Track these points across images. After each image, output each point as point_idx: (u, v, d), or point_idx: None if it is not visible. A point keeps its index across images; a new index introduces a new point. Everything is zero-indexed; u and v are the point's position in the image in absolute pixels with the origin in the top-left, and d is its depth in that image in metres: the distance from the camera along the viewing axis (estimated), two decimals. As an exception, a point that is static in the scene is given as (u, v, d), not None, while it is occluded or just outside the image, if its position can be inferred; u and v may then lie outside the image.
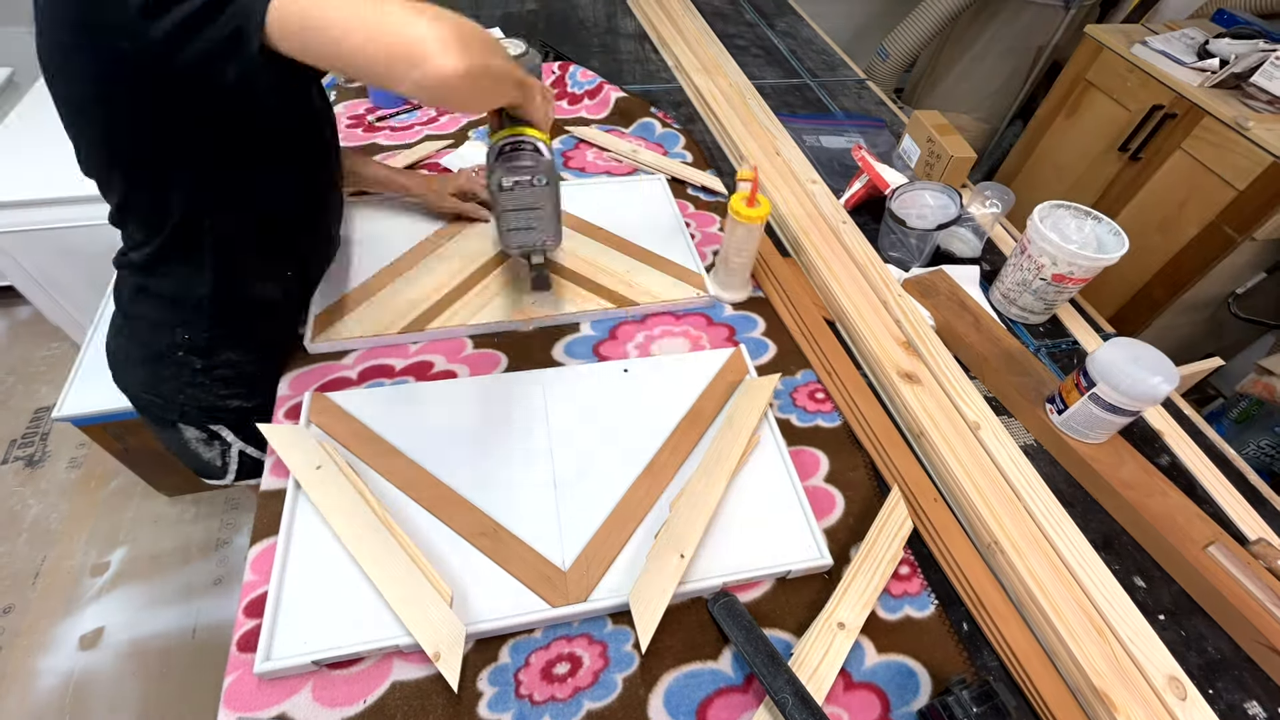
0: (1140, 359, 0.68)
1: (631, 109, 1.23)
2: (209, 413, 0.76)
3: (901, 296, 0.88)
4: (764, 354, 0.84)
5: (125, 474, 1.54)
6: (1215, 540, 0.66)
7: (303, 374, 0.75)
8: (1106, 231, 0.87)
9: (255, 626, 0.54)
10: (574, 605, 0.57)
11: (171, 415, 0.76)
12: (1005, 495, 0.67)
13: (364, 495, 0.61)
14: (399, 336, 0.78)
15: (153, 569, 1.45)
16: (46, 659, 1.31)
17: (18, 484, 1.57)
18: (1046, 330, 0.93)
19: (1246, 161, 1.37)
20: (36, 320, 1.88)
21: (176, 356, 0.70)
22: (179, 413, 0.75)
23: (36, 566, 1.44)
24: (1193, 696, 0.55)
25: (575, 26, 1.55)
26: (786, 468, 0.69)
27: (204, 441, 0.79)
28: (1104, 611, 0.59)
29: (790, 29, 1.67)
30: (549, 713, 0.53)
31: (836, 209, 1.01)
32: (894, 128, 1.33)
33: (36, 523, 1.51)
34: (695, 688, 0.55)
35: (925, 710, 0.54)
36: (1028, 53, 2.31)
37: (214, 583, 1.43)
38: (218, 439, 0.79)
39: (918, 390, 0.77)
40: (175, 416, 0.76)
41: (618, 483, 0.66)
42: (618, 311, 0.85)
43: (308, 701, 0.52)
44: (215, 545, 1.49)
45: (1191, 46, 1.57)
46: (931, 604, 0.62)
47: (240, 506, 1.56)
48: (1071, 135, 1.83)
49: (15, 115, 1.52)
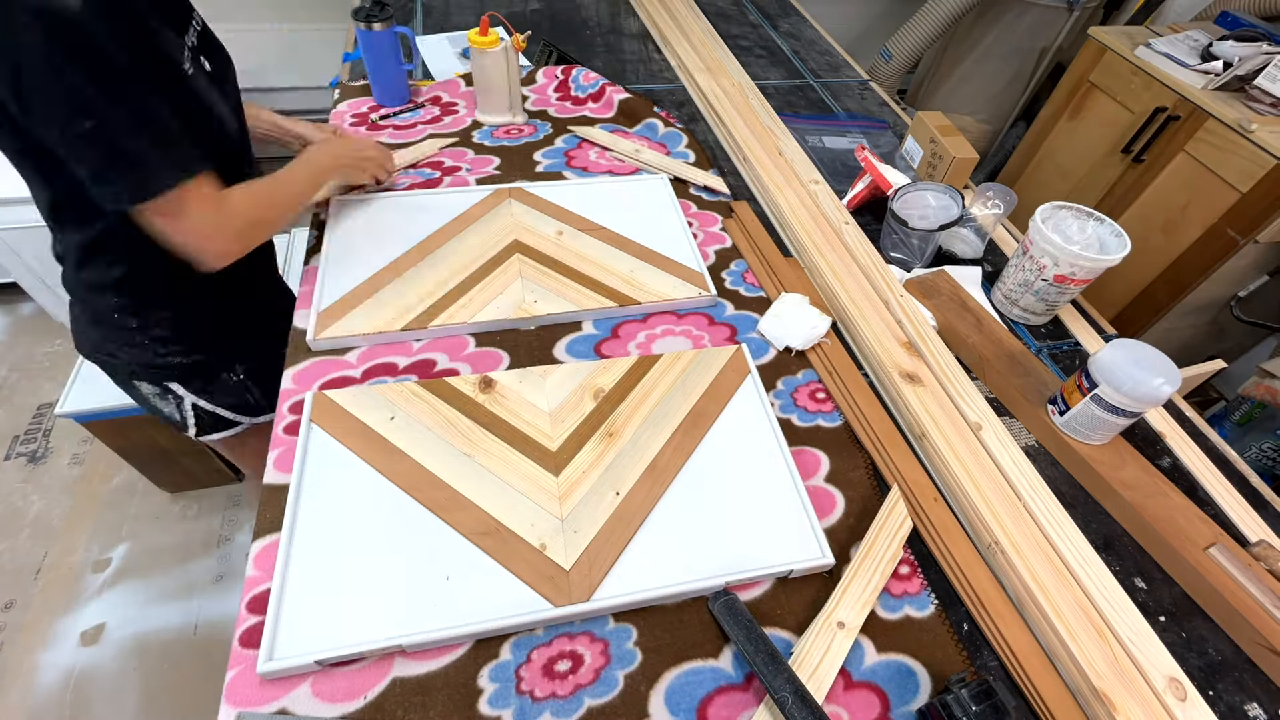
0: (1142, 361, 0.68)
1: (635, 109, 1.23)
2: (153, 369, 0.82)
3: (903, 297, 0.88)
4: (765, 354, 0.84)
5: (127, 470, 1.55)
6: (1216, 542, 0.66)
7: (306, 369, 0.75)
8: (1109, 233, 0.87)
9: (257, 623, 0.55)
10: (576, 605, 0.57)
11: (124, 373, 0.83)
12: (1006, 496, 0.68)
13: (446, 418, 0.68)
14: (401, 334, 0.79)
15: (154, 565, 1.45)
16: (48, 655, 1.31)
17: (20, 480, 1.58)
18: (1048, 331, 0.93)
19: (1249, 164, 1.37)
20: (39, 317, 1.88)
21: (114, 319, 0.76)
22: (129, 370, 0.82)
23: (38, 562, 1.44)
24: (1193, 697, 0.55)
25: (578, 26, 1.55)
26: (788, 467, 0.69)
27: (159, 396, 0.85)
28: (1104, 612, 0.59)
29: (794, 30, 1.67)
30: (549, 709, 0.53)
31: (839, 209, 1.01)
32: (897, 129, 1.33)
33: (38, 519, 1.51)
34: (696, 685, 0.55)
35: (925, 709, 0.54)
36: (1031, 54, 2.31)
37: (215, 579, 1.44)
38: (170, 393, 0.85)
39: (919, 391, 0.77)
40: (127, 374, 0.83)
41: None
42: (620, 310, 0.85)
43: (308, 697, 0.52)
44: (217, 542, 1.50)
45: (1195, 49, 1.57)
46: (931, 604, 0.62)
47: (242, 504, 1.57)
48: (1074, 137, 1.83)
49: (20, 112, 1.52)
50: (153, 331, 0.78)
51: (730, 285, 0.92)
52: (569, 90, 1.28)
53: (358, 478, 0.64)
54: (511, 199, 0.99)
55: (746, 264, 0.96)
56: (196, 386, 0.85)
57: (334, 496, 0.63)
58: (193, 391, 0.85)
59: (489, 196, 0.99)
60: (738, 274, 0.94)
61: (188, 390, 0.85)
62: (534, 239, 0.93)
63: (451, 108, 1.20)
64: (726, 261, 0.96)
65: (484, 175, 1.06)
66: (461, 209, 0.96)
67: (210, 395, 0.87)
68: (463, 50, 1.36)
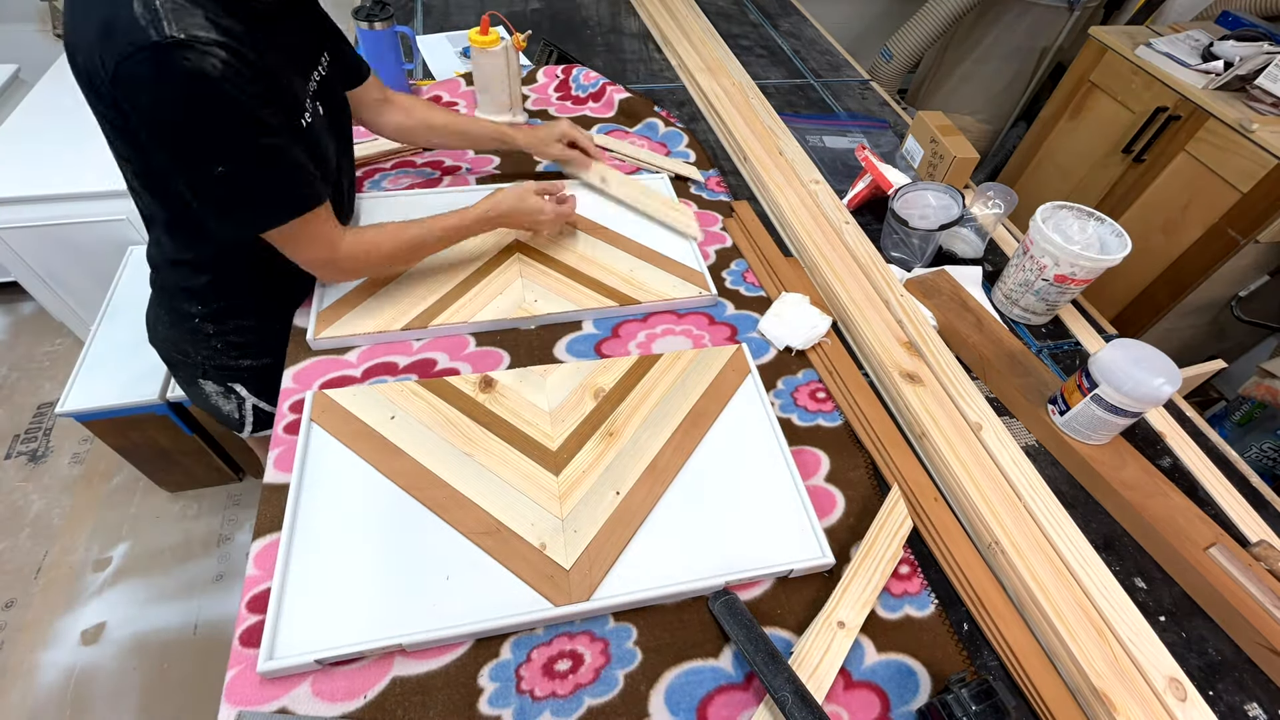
0: (1143, 361, 0.68)
1: (636, 109, 1.23)
2: (224, 370, 0.87)
3: (904, 296, 0.88)
4: (766, 353, 0.84)
5: (128, 470, 1.55)
6: (1216, 542, 0.66)
7: (306, 368, 0.75)
8: (1109, 233, 0.87)
9: (258, 622, 0.55)
10: (577, 604, 0.57)
11: (195, 373, 0.87)
12: (1006, 496, 0.67)
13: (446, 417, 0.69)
14: (402, 333, 0.79)
15: (154, 565, 1.45)
16: (48, 654, 1.31)
17: (20, 479, 1.58)
18: (1049, 331, 0.93)
19: (1250, 164, 1.37)
20: (40, 316, 1.88)
21: (193, 324, 0.82)
22: (201, 370, 0.87)
23: (39, 561, 1.44)
24: (1193, 697, 0.55)
25: (579, 25, 1.55)
26: (788, 467, 0.69)
27: (222, 395, 0.90)
28: (1104, 612, 0.59)
29: (794, 29, 1.67)
30: (549, 709, 0.53)
31: (839, 209, 1.01)
32: (897, 128, 1.33)
33: (39, 518, 1.51)
34: (696, 685, 0.55)
35: (925, 709, 0.54)
36: (1032, 54, 2.31)
37: (215, 579, 1.44)
38: (234, 394, 0.90)
39: (919, 390, 0.77)
40: (198, 374, 0.87)
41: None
42: (620, 309, 0.85)
43: (308, 697, 0.52)
44: (217, 541, 1.50)
45: (1196, 49, 1.56)
46: (931, 603, 0.62)
47: (242, 503, 1.57)
48: (1075, 137, 1.83)
49: (20, 112, 1.52)
50: (229, 338, 0.84)
51: (730, 285, 0.92)
52: (569, 90, 1.28)
53: (358, 477, 0.64)
54: (512, 198, 0.99)
55: (747, 263, 0.96)
56: (259, 388, 0.90)
57: (334, 495, 0.63)
58: (254, 393, 0.90)
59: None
60: (738, 273, 0.94)
61: (250, 392, 0.90)
62: (534, 238, 0.93)
63: (451, 107, 1.20)
64: (727, 261, 0.96)
65: (484, 175, 1.06)
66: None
67: (270, 397, 0.91)
68: (463, 50, 1.36)
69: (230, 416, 0.93)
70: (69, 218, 1.38)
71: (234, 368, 0.86)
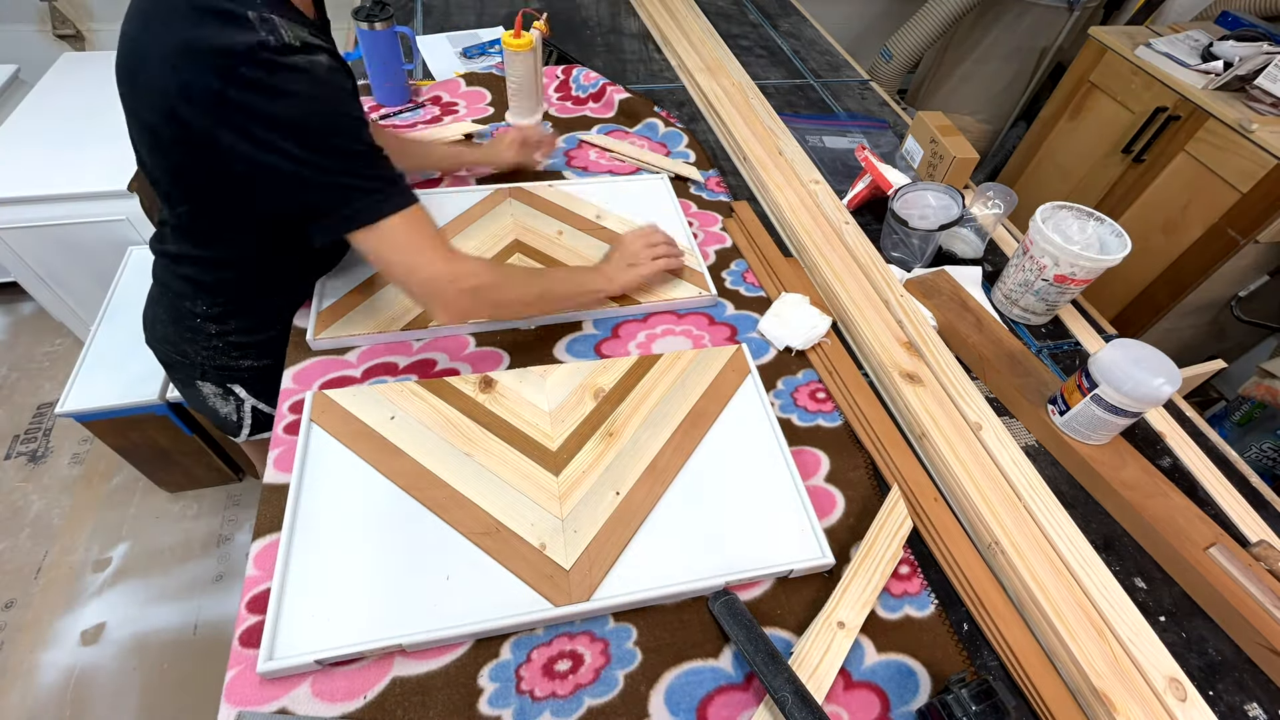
0: (1142, 361, 0.68)
1: (636, 109, 1.23)
2: (224, 371, 0.85)
3: (903, 297, 0.88)
4: (766, 353, 0.84)
5: (127, 470, 1.55)
6: (1216, 542, 0.66)
7: (306, 369, 0.75)
8: (1109, 233, 0.87)
9: (257, 622, 0.55)
10: (576, 604, 0.57)
11: (194, 373, 0.86)
12: (1006, 496, 0.67)
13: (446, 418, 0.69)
14: (402, 334, 0.79)
15: (154, 565, 1.45)
16: (48, 654, 1.31)
17: (20, 479, 1.58)
18: (1048, 331, 0.93)
19: (1250, 164, 1.37)
20: (40, 316, 1.88)
21: (195, 324, 0.81)
22: (200, 371, 0.85)
23: (39, 562, 1.44)
24: (1193, 698, 0.55)
25: (578, 26, 1.55)
26: (788, 467, 0.69)
27: (220, 397, 0.89)
28: (1104, 612, 0.59)
29: (794, 29, 1.67)
30: (549, 709, 0.53)
31: (839, 209, 1.01)
32: (897, 128, 1.33)
33: (39, 518, 1.51)
34: (696, 685, 0.55)
35: (925, 709, 0.54)
36: (1031, 54, 2.31)
37: (215, 579, 1.44)
38: (232, 395, 0.89)
39: (919, 390, 0.77)
40: (197, 374, 0.86)
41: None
42: (620, 310, 0.85)
43: (308, 697, 0.52)
44: (217, 542, 1.50)
45: (1196, 49, 1.57)
46: (931, 604, 0.62)
47: (242, 503, 1.57)
48: (1075, 137, 1.83)
49: (20, 112, 1.52)
50: (231, 338, 0.82)
51: (730, 285, 0.92)
52: (570, 90, 1.28)
53: (358, 477, 0.64)
54: (512, 199, 0.99)
55: (746, 264, 0.96)
56: (258, 390, 0.89)
57: (334, 496, 0.63)
58: (253, 395, 0.89)
59: (489, 196, 0.99)
60: (738, 274, 0.94)
61: (249, 393, 0.89)
62: (534, 239, 0.93)
63: (452, 107, 1.20)
64: (726, 261, 0.96)
65: (484, 174, 1.06)
66: (462, 208, 0.96)
67: (269, 399, 0.90)
68: (463, 50, 1.36)
69: (228, 419, 0.92)
70: (69, 218, 1.38)
71: (234, 368, 0.86)
